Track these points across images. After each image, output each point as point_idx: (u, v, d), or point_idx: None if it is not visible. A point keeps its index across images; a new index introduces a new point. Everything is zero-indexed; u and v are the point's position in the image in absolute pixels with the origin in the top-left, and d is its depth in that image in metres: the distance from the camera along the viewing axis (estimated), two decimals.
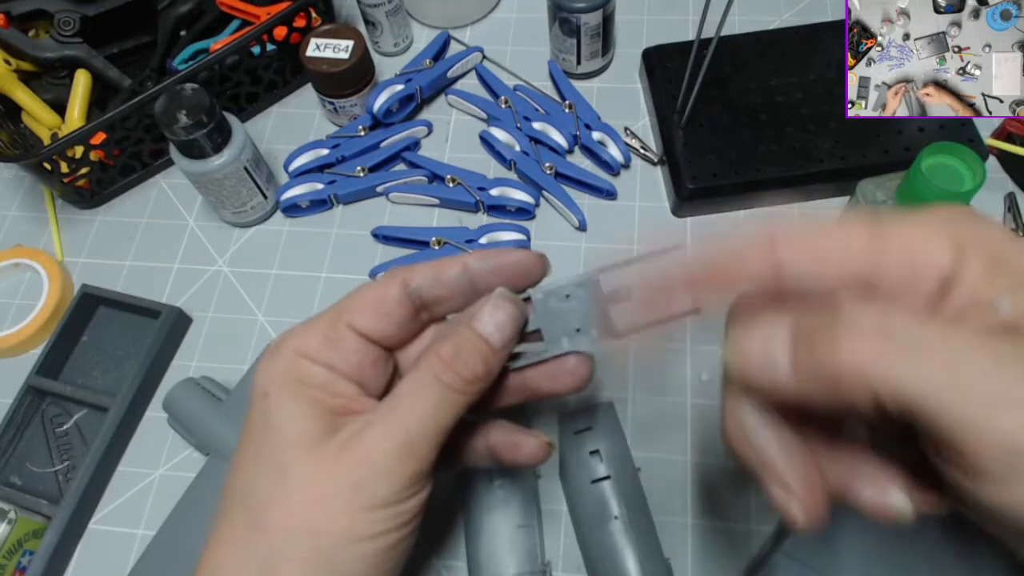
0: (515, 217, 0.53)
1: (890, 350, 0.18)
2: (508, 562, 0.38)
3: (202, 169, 0.49)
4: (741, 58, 0.54)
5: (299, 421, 0.27)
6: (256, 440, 0.28)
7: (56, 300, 0.52)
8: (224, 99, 0.57)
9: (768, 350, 0.21)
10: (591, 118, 0.55)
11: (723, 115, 0.52)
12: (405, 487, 0.26)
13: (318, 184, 0.54)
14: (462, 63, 0.59)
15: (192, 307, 0.52)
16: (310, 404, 0.27)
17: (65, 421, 0.49)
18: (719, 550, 0.40)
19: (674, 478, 0.43)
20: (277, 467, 0.26)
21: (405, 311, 0.29)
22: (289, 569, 0.25)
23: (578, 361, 0.30)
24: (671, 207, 0.52)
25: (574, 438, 0.41)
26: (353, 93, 0.56)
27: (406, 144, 0.56)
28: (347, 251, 0.53)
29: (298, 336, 0.29)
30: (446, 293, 0.30)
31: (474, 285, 0.30)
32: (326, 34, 0.55)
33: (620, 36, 0.60)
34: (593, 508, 0.39)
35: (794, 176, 0.50)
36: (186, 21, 0.62)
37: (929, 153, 0.39)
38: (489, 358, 0.28)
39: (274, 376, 0.28)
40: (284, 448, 0.27)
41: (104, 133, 0.53)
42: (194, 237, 0.55)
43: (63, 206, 0.58)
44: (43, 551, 0.42)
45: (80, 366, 0.51)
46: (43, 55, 0.58)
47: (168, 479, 0.46)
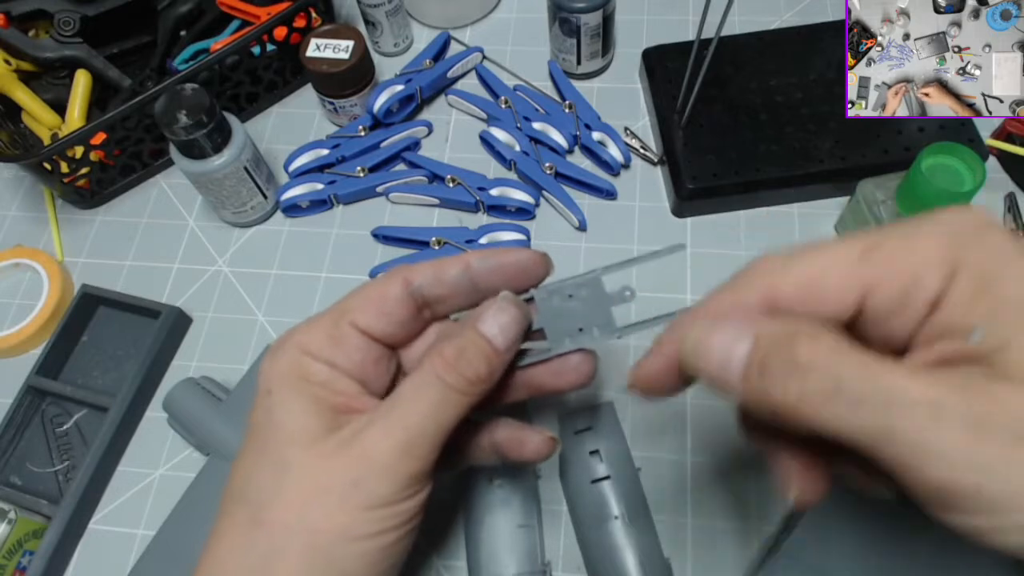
0: (515, 217, 0.53)
1: (830, 401, 0.20)
2: (508, 562, 0.38)
3: (202, 169, 0.49)
4: (741, 58, 0.54)
5: (300, 418, 0.27)
6: (258, 436, 0.28)
7: (56, 300, 0.52)
8: (224, 99, 0.57)
9: (726, 359, 0.22)
10: (591, 118, 0.55)
11: (723, 115, 0.52)
12: (404, 487, 0.26)
13: (318, 184, 0.54)
14: (462, 63, 0.59)
15: (192, 307, 0.52)
16: (312, 401, 0.27)
17: (65, 421, 0.49)
18: (719, 550, 0.40)
19: (674, 478, 0.43)
20: (277, 463, 0.27)
21: (407, 310, 0.30)
22: (287, 565, 0.25)
23: (581, 358, 0.31)
24: (671, 207, 0.52)
25: (574, 438, 0.41)
26: (353, 93, 0.56)
27: (406, 144, 0.56)
28: (347, 251, 0.53)
29: (302, 334, 0.29)
30: (447, 292, 0.30)
31: (475, 284, 0.30)
32: (326, 34, 0.55)
33: (620, 36, 0.60)
34: (593, 508, 0.39)
35: (794, 176, 0.50)
36: (186, 21, 0.62)
37: (929, 153, 0.39)
38: (492, 359, 0.28)
39: (277, 373, 0.28)
40: (285, 445, 0.27)
41: (104, 133, 0.53)
42: (194, 237, 0.55)
43: (63, 206, 0.58)
44: (43, 551, 0.42)
45: (80, 366, 0.51)
46: (43, 55, 0.58)
47: (168, 479, 0.46)
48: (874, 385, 0.19)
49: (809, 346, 0.20)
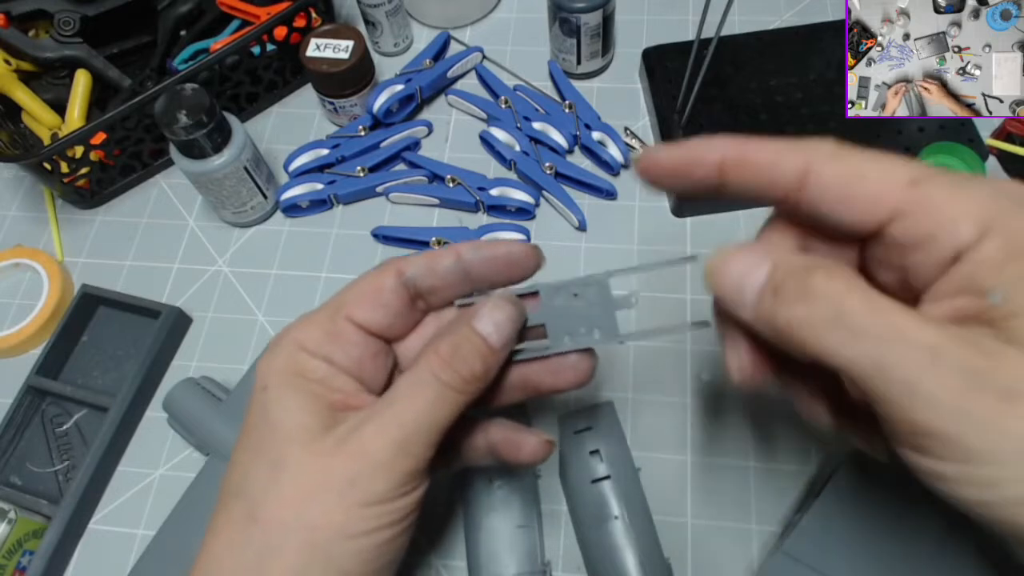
0: (515, 217, 0.53)
1: (832, 327, 0.21)
2: (508, 562, 0.38)
3: (202, 169, 0.49)
4: (741, 58, 0.54)
5: (297, 415, 0.27)
6: (255, 433, 0.28)
7: (56, 300, 0.52)
8: (224, 99, 0.57)
9: (741, 285, 0.23)
10: (591, 118, 0.55)
11: (723, 115, 0.52)
12: (400, 484, 0.26)
13: (318, 184, 0.54)
14: (462, 63, 0.59)
15: (192, 307, 0.52)
16: (309, 398, 0.27)
17: (65, 421, 0.49)
18: (719, 550, 0.40)
19: (674, 478, 0.43)
20: (274, 460, 0.27)
21: (401, 301, 0.30)
22: (283, 562, 0.25)
23: (579, 356, 0.31)
24: (671, 207, 0.52)
25: (574, 438, 0.41)
26: (353, 93, 0.56)
27: (406, 144, 0.56)
28: (347, 251, 0.53)
29: (299, 330, 0.29)
30: (440, 283, 0.30)
31: (468, 274, 0.30)
32: (326, 34, 0.55)
33: (620, 36, 0.60)
34: (593, 508, 0.39)
35: None
36: (186, 21, 0.62)
37: (929, 153, 0.40)
38: (487, 357, 0.28)
39: (274, 369, 0.28)
40: (281, 442, 0.27)
41: (104, 133, 0.53)
42: (194, 237, 0.55)
43: (63, 206, 0.58)
44: (43, 551, 0.42)
45: (80, 366, 0.51)
46: (43, 55, 0.58)
47: (168, 479, 0.46)
48: (878, 320, 0.20)
49: (824, 277, 0.21)
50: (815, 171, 0.23)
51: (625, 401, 0.45)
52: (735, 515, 0.41)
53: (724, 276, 0.24)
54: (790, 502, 0.41)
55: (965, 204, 0.21)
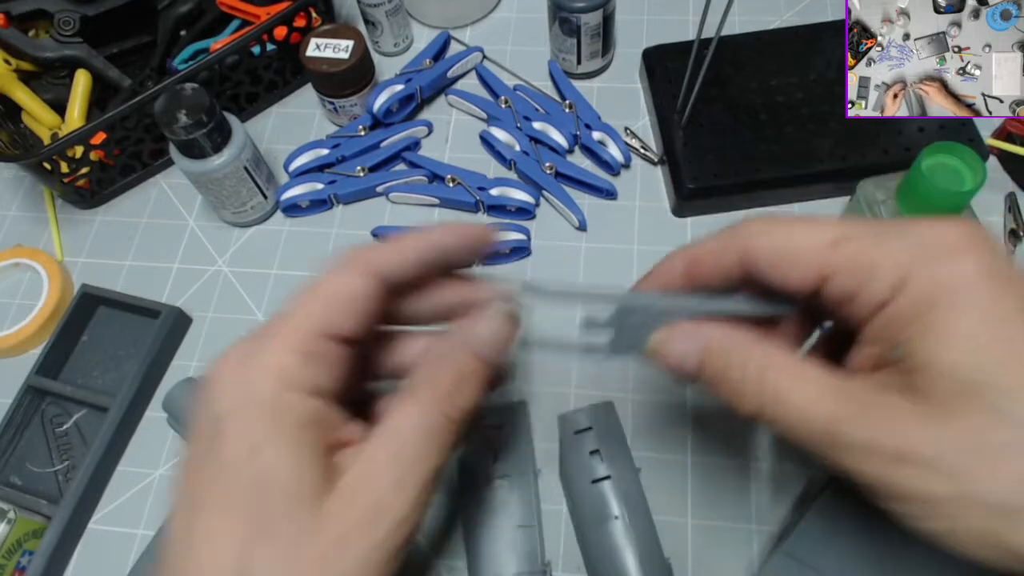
0: (515, 217, 0.53)
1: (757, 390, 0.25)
2: (508, 562, 0.38)
3: (202, 169, 0.49)
4: (741, 58, 0.54)
5: (297, 480, 0.23)
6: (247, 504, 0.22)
7: (56, 300, 0.52)
8: (224, 99, 0.57)
9: (682, 360, 0.27)
10: (591, 118, 0.55)
11: (723, 115, 0.52)
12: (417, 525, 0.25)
13: (318, 184, 0.54)
14: (462, 63, 0.59)
15: (192, 307, 0.52)
16: (309, 451, 0.23)
17: (65, 421, 0.49)
18: (719, 550, 0.40)
19: (674, 478, 0.43)
20: (286, 540, 0.22)
21: (381, 303, 0.27)
22: None
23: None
24: (671, 207, 0.52)
25: (574, 438, 0.41)
26: (353, 93, 0.56)
27: (406, 144, 0.56)
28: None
29: (271, 355, 0.24)
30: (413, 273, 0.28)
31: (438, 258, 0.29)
32: (326, 34, 0.55)
33: (620, 36, 0.60)
34: (593, 508, 0.39)
35: (794, 176, 0.50)
36: (186, 21, 0.62)
37: (929, 153, 0.39)
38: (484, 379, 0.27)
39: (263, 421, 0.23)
40: (286, 519, 0.22)
41: (104, 133, 0.53)
42: (194, 237, 0.55)
43: (63, 206, 0.58)
44: (43, 551, 0.42)
45: (80, 366, 0.51)
46: (43, 55, 0.58)
47: (168, 479, 0.46)
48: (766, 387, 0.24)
49: (738, 360, 0.25)
50: (752, 248, 0.26)
51: (625, 401, 0.45)
52: (735, 515, 0.41)
53: (667, 357, 0.28)
54: (790, 502, 0.41)
55: (883, 260, 0.23)
